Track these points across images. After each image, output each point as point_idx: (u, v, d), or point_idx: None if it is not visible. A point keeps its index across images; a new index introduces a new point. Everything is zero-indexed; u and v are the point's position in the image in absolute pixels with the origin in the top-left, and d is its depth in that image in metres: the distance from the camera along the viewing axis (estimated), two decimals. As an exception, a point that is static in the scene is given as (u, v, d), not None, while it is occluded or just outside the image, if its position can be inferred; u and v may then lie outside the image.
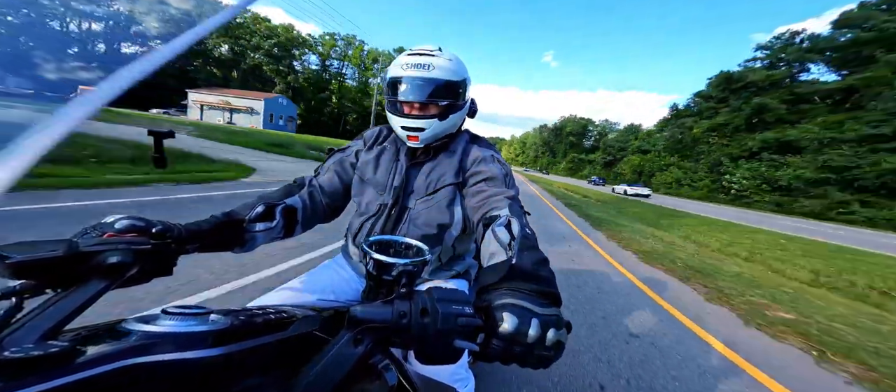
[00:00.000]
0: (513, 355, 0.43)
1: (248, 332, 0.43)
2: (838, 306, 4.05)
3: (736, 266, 5.72)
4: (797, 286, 4.90)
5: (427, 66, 0.90)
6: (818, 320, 3.35)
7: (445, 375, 0.76)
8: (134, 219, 0.55)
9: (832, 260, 7.87)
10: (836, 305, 4.08)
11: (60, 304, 0.39)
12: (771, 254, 7.61)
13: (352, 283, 1.01)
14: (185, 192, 5.36)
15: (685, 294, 3.89)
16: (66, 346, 0.30)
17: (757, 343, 2.82)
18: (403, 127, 0.94)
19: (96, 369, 0.31)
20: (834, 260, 7.92)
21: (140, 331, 0.36)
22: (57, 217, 3.38)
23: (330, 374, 0.39)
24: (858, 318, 3.66)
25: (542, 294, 0.49)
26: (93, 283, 0.43)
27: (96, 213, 3.64)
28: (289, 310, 0.57)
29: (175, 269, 0.60)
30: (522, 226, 0.69)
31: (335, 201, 1.06)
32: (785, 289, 4.53)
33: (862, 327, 3.32)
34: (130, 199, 4.56)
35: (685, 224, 11.91)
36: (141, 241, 0.51)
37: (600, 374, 2.01)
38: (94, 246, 0.45)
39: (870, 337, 3.05)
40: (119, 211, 2.46)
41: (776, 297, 4.03)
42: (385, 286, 0.63)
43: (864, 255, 9.37)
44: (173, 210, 4.42)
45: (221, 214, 0.77)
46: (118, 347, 0.34)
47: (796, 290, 4.60)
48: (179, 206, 4.63)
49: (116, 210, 3.14)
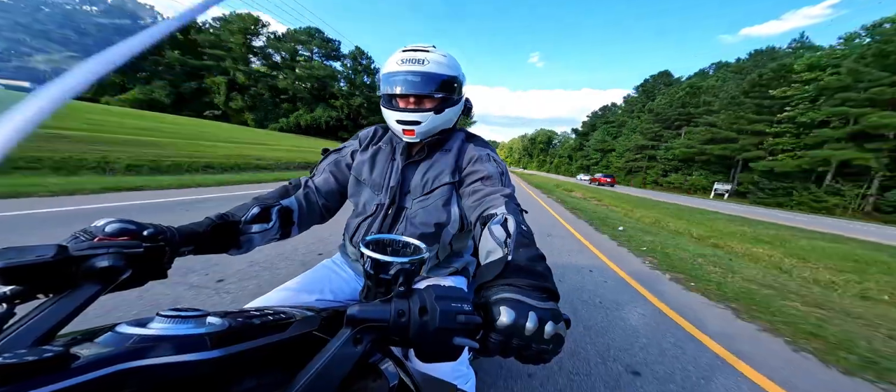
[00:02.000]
0: (511, 349, 0.43)
1: (245, 333, 0.42)
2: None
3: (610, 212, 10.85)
4: (658, 228, 8.41)
5: (422, 60, 0.90)
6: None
7: (446, 372, 0.76)
8: (124, 222, 0.54)
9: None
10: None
11: (53, 309, 0.38)
12: (641, 211, 11.99)
13: (350, 283, 1.01)
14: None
15: (584, 226, 7.56)
16: (62, 351, 0.30)
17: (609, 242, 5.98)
18: (399, 121, 0.94)
19: (93, 373, 0.30)
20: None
21: (136, 334, 0.35)
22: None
23: (330, 374, 0.38)
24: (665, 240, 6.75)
25: (538, 289, 0.49)
26: (85, 287, 0.43)
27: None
28: (287, 310, 0.57)
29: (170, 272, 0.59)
30: (518, 223, 0.70)
31: (331, 202, 1.05)
32: (644, 221, 9.22)
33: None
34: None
35: (601, 196, 18.45)
36: (133, 244, 0.51)
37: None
38: (84, 250, 0.45)
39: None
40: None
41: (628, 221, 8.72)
42: (383, 285, 0.62)
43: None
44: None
45: (216, 216, 0.76)
46: (114, 351, 0.33)
47: (655, 228, 8.26)
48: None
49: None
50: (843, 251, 7.26)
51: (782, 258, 5.66)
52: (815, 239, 9.04)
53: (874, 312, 3.36)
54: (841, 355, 2.39)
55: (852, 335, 2.72)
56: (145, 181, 6.51)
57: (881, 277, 4.96)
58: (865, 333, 2.80)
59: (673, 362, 2.11)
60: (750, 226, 10.92)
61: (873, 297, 3.98)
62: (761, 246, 6.72)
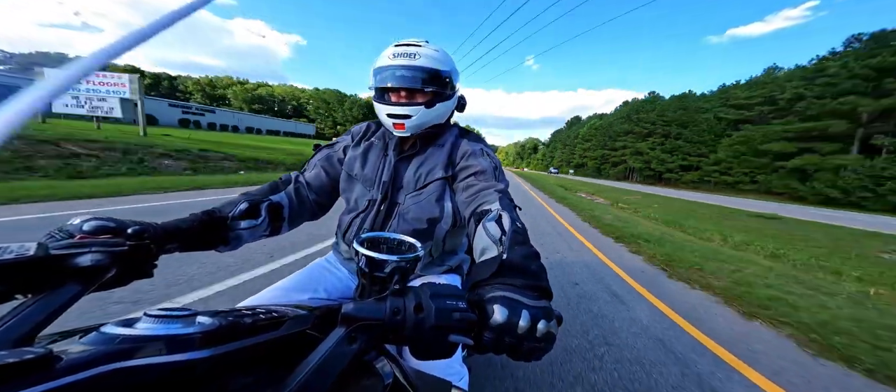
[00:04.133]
0: (504, 346, 0.43)
1: (237, 332, 0.41)
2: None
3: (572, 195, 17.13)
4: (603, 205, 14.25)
5: (413, 54, 0.90)
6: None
7: (441, 370, 0.76)
8: (103, 219, 0.53)
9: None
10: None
11: (33, 309, 0.37)
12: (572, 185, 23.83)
13: (344, 282, 1.00)
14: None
15: (547, 199, 13.74)
16: (45, 352, 0.28)
17: (568, 212, 10.24)
18: (389, 114, 0.93)
19: (77, 375, 0.29)
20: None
21: (122, 334, 0.34)
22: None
23: (324, 373, 0.38)
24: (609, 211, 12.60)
25: (532, 287, 0.50)
26: (67, 287, 0.41)
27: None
28: (280, 309, 0.56)
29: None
30: (513, 220, 0.70)
31: (322, 198, 1.04)
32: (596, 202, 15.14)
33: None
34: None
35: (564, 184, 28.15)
36: (116, 242, 0.49)
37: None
38: (65, 248, 0.43)
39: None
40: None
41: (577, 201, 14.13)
42: (378, 283, 0.62)
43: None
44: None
45: (202, 213, 0.75)
46: (100, 351, 0.32)
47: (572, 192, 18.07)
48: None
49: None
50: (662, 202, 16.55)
51: (616, 203, 14.74)
52: (632, 194, 20.78)
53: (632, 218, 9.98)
54: (616, 227, 7.17)
55: (619, 225, 7.40)
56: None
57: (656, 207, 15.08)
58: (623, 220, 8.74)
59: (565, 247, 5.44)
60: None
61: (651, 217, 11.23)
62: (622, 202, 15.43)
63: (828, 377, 2.07)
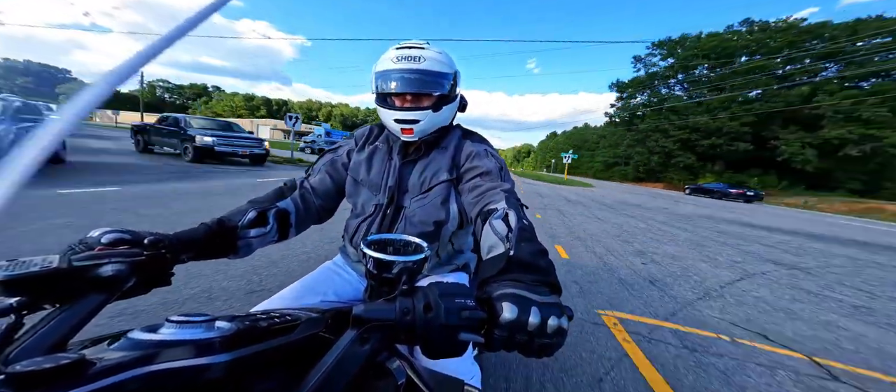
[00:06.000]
0: (515, 344, 0.43)
1: (254, 336, 0.43)
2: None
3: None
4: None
5: (418, 58, 0.89)
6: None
7: (453, 368, 0.76)
8: (119, 231, 0.54)
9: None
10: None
11: (62, 318, 0.38)
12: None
13: (353, 284, 1.01)
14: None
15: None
16: (78, 358, 0.30)
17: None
18: (397, 120, 0.93)
19: (109, 379, 0.31)
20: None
21: (147, 340, 0.36)
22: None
23: (339, 374, 0.39)
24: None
25: (541, 283, 0.50)
26: (91, 297, 0.43)
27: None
28: (293, 313, 0.57)
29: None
30: (520, 218, 0.70)
31: (328, 202, 1.05)
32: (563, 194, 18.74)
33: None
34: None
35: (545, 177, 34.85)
36: (135, 252, 0.51)
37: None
38: (87, 260, 0.45)
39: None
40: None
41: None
42: (386, 284, 0.63)
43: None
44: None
45: (213, 222, 0.76)
46: (128, 357, 0.33)
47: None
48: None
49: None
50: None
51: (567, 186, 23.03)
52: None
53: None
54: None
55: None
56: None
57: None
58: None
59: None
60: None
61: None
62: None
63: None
